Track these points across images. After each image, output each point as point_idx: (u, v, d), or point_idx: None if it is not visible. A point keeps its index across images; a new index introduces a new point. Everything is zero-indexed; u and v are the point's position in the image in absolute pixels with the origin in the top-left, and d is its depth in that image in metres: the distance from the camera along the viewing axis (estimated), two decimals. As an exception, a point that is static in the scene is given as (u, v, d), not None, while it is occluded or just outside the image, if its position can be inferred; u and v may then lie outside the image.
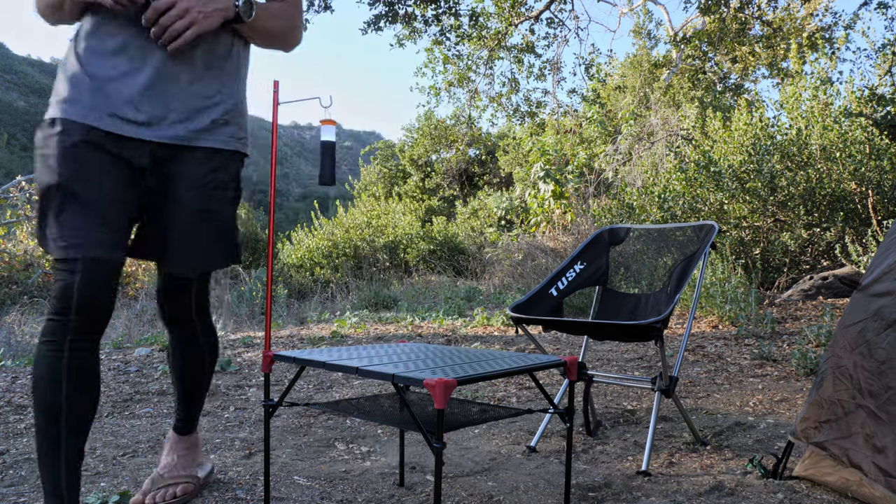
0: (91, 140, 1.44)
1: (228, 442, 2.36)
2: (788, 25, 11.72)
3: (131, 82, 1.47)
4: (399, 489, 1.86)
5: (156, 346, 4.88)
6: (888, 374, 1.58)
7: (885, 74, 6.29)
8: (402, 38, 9.37)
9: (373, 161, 17.45)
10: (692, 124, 8.80)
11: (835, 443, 1.69)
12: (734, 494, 1.76)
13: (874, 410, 1.59)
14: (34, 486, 1.89)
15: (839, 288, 5.35)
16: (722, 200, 6.22)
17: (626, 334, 2.13)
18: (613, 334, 2.17)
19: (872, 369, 1.62)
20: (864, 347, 1.67)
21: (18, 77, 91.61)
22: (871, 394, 1.61)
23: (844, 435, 1.66)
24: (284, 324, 6.38)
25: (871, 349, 1.64)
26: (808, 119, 6.22)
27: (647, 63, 13.61)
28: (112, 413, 2.84)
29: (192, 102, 1.54)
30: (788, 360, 3.54)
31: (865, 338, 1.67)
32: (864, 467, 1.58)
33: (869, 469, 1.57)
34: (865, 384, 1.64)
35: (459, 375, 1.26)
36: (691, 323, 2.42)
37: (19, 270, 11.33)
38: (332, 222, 12.36)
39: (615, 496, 1.78)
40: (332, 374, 3.59)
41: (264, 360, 1.60)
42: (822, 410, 1.75)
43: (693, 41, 10.09)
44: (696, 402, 2.86)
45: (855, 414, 1.65)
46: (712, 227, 2.32)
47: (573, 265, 2.52)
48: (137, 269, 12.71)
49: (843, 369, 1.71)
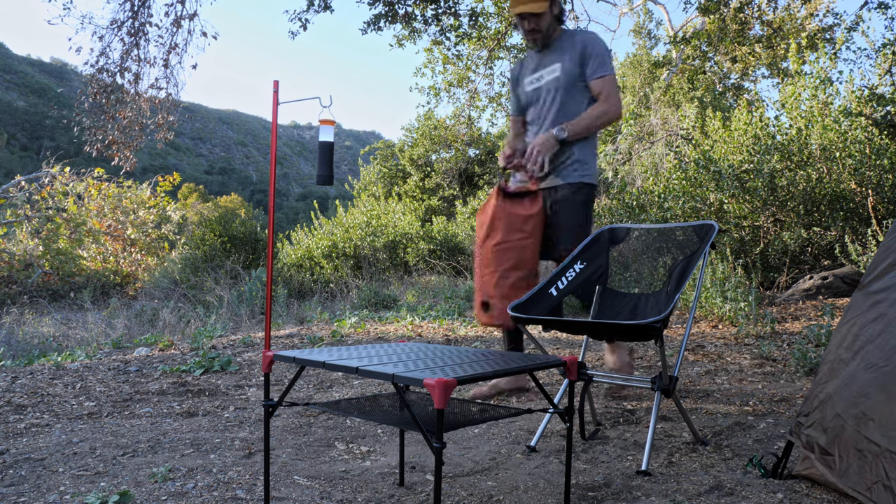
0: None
1: (228, 442, 2.36)
2: (788, 25, 11.71)
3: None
4: (399, 489, 1.86)
5: (156, 345, 4.88)
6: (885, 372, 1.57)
7: (885, 74, 6.29)
8: (401, 39, 9.36)
9: (373, 161, 17.44)
10: (692, 124, 8.79)
11: (821, 438, 1.69)
12: (734, 494, 1.76)
13: (864, 411, 1.59)
14: (34, 486, 1.89)
15: (839, 287, 5.35)
16: (722, 200, 6.22)
17: (626, 334, 2.13)
18: (613, 334, 2.17)
19: (866, 367, 1.62)
20: (861, 346, 1.67)
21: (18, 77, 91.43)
22: (864, 393, 1.61)
23: (839, 433, 1.66)
24: (284, 324, 6.38)
25: (869, 348, 1.64)
26: (808, 119, 6.22)
27: (647, 63, 13.61)
28: (112, 413, 2.84)
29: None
30: (788, 360, 3.54)
31: (864, 337, 1.67)
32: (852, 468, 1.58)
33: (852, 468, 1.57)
34: (861, 382, 1.64)
35: (459, 375, 1.26)
36: (691, 323, 2.42)
37: (19, 270, 11.33)
38: (332, 222, 12.35)
39: (615, 496, 1.78)
40: (332, 374, 3.59)
41: (264, 360, 1.60)
42: (816, 408, 1.75)
43: (693, 41, 10.08)
44: (696, 402, 2.86)
45: (845, 411, 1.65)
46: (712, 227, 2.32)
47: (573, 265, 2.52)
48: (137, 269, 12.72)
49: (840, 368, 1.71)
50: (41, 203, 12.40)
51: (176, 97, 8.46)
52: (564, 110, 2.82)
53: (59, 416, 2.77)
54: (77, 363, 4.08)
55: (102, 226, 12.80)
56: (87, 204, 12.76)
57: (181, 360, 4.07)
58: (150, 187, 13.87)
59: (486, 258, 2.72)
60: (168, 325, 6.59)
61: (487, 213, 2.77)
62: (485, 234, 2.73)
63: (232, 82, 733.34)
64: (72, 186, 12.59)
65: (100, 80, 7.88)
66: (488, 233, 2.71)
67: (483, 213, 2.82)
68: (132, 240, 12.95)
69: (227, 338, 5.22)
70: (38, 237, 12.02)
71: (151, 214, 13.43)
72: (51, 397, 3.08)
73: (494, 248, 2.69)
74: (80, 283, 11.52)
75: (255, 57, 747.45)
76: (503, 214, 2.71)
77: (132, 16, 7.71)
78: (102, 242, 12.80)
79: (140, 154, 8.80)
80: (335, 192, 22.13)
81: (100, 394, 3.17)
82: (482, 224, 2.78)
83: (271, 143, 3.42)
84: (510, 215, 2.71)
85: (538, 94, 2.90)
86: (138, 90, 8.16)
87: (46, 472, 2.03)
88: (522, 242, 2.68)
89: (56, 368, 3.83)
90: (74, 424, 2.64)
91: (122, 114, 8.20)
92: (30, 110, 74.61)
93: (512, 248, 2.67)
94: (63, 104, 12.80)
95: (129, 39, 7.79)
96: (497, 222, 2.71)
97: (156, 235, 13.38)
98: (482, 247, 2.75)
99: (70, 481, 1.93)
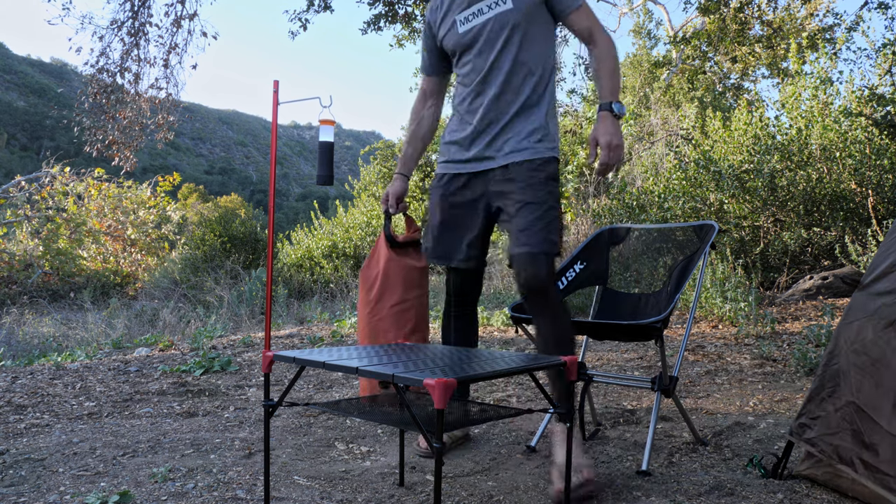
0: None
1: (228, 442, 2.36)
2: (788, 25, 11.71)
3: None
4: (399, 489, 1.86)
5: (156, 346, 4.88)
6: (881, 371, 1.57)
7: (885, 74, 6.29)
8: (401, 39, 9.37)
9: (373, 161, 17.42)
10: (692, 124, 8.79)
11: (824, 439, 1.69)
12: (734, 494, 1.76)
13: (862, 407, 1.59)
14: (34, 487, 1.89)
15: (840, 287, 5.35)
16: (722, 200, 6.22)
17: (626, 334, 2.13)
18: (613, 334, 2.17)
19: (865, 367, 1.62)
20: (859, 345, 1.67)
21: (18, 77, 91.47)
22: (861, 391, 1.62)
23: (834, 431, 1.66)
24: (284, 324, 6.38)
25: (866, 347, 1.64)
26: (808, 119, 6.22)
27: (647, 63, 13.61)
28: (112, 413, 2.84)
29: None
30: (788, 360, 3.54)
31: (862, 336, 1.67)
32: (853, 464, 1.59)
33: (858, 466, 1.57)
34: (856, 381, 1.64)
35: (459, 375, 1.26)
36: (691, 323, 2.42)
37: (19, 270, 11.33)
38: (332, 222, 12.35)
39: (615, 496, 1.78)
40: (332, 374, 3.59)
41: (264, 360, 1.60)
42: (815, 408, 1.75)
43: (693, 41, 10.09)
44: (696, 402, 2.86)
45: (844, 410, 1.65)
46: (712, 227, 2.32)
47: (573, 265, 2.52)
48: (137, 269, 12.72)
49: (839, 367, 1.71)
50: (41, 203, 12.40)
51: (176, 97, 8.47)
52: (523, 58, 2.00)
53: (59, 417, 2.77)
54: (77, 363, 4.08)
55: (102, 226, 12.80)
56: (87, 204, 12.76)
57: (181, 360, 4.07)
58: (150, 187, 13.88)
59: (382, 321, 2.31)
60: (168, 326, 6.59)
61: (379, 267, 2.35)
62: (378, 293, 2.32)
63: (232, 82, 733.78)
64: (72, 186, 12.60)
65: (100, 81, 7.88)
66: (382, 291, 2.31)
67: (371, 266, 2.39)
68: (132, 240, 12.96)
69: (227, 338, 5.22)
70: (38, 237, 12.02)
71: (151, 214, 13.44)
72: (51, 397, 3.08)
73: (391, 308, 2.31)
74: (80, 284, 11.53)
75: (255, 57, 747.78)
76: (399, 269, 2.33)
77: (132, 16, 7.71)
78: (102, 242, 12.80)
79: (140, 154, 8.81)
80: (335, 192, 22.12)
81: (100, 394, 3.17)
82: (371, 280, 2.35)
83: (271, 143, 3.42)
84: (406, 269, 2.33)
85: (476, 38, 2.02)
86: (138, 90, 8.17)
87: (46, 472, 2.03)
88: (421, 300, 2.34)
89: (56, 368, 3.83)
90: (74, 424, 2.64)
91: (122, 114, 8.20)
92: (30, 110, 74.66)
93: (411, 308, 2.32)
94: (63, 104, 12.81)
95: (129, 39, 7.79)
96: (394, 278, 2.32)
97: (156, 235, 13.39)
98: (375, 308, 2.32)
99: (70, 481, 1.93)
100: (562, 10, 2.00)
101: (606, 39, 2.00)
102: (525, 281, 1.91)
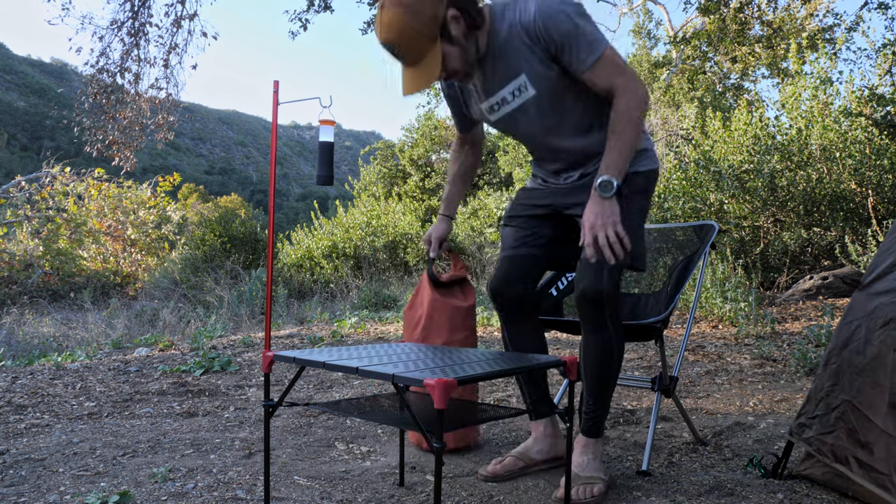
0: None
1: (228, 442, 2.36)
2: (788, 25, 11.71)
3: None
4: (399, 489, 1.86)
5: (156, 346, 4.88)
6: (877, 370, 1.58)
7: (885, 74, 6.29)
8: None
9: (373, 161, 17.42)
10: (692, 124, 8.79)
11: (820, 438, 1.69)
12: (734, 494, 1.76)
13: (857, 406, 1.59)
14: (34, 487, 1.89)
15: (840, 287, 5.35)
16: (722, 200, 6.22)
17: (625, 334, 2.13)
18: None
19: (862, 365, 1.63)
20: (857, 344, 1.67)
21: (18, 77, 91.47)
22: (857, 389, 1.62)
23: (830, 430, 1.67)
24: (284, 324, 6.38)
25: (863, 346, 1.65)
26: (808, 119, 6.22)
27: (647, 63, 13.61)
28: (112, 413, 2.84)
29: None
30: (788, 361, 3.54)
31: (860, 335, 1.67)
32: (848, 462, 1.59)
33: (853, 464, 1.57)
34: (853, 380, 1.64)
35: (459, 375, 1.26)
36: (691, 323, 2.42)
37: (19, 271, 11.34)
38: (332, 222, 12.35)
39: (615, 496, 1.78)
40: (332, 374, 3.59)
41: (264, 360, 1.60)
42: (813, 407, 1.76)
43: (693, 41, 10.08)
44: (696, 402, 2.86)
45: (840, 409, 1.65)
46: (712, 227, 2.32)
47: (573, 265, 2.52)
48: (137, 270, 12.73)
49: (837, 366, 1.72)
50: (41, 203, 12.40)
51: (176, 97, 8.47)
52: (564, 123, 1.87)
53: (59, 417, 2.77)
54: (77, 363, 4.08)
55: (102, 226, 12.80)
56: (88, 204, 12.76)
57: (181, 360, 4.07)
58: (150, 187, 13.88)
59: None
60: (168, 326, 6.59)
61: (423, 308, 2.24)
62: (421, 336, 2.20)
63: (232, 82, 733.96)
64: (72, 187, 12.60)
65: (100, 81, 7.89)
66: (426, 334, 2.20)
67: (415, 307, 2.29)
68: (132, 240, 12.96)
69: (227, 338, 5.22)
70: (38, 237, 12.02)
71: (151, 215, 13.44)
72: (51, 397, 3.08)
73: None
74: (80, 284, 11.53)
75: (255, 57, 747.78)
76: (444, 310, 2.21)
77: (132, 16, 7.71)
78: (102, 243, 12.80)
79: (140, 154, 8.81)
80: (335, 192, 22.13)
81: (100, 394, 3.17)
82: (415, 322, 2.25)
83: (271, 143, 3.42)
84: (452, 310, 2.21)
85: (514, 120, 1.91)
86: (138, 90, 8.17)
87: (46, 472, 2.03)
88: (467, 342, 2.22)
89: (56, 369, 3.83)
90: (74, 425, 2.64)
91: (122, 114, 8.20)
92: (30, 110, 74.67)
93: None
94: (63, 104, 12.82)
95: (129, 40, 7.80)
96: (438, 320, 2.20)
97: (156, 236, 13.39)
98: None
99: (70, 481, 1.93)
100: (576, 72, 1.77)
101: (627, 100, 1.74)
102: (581, 291, 1.79)
